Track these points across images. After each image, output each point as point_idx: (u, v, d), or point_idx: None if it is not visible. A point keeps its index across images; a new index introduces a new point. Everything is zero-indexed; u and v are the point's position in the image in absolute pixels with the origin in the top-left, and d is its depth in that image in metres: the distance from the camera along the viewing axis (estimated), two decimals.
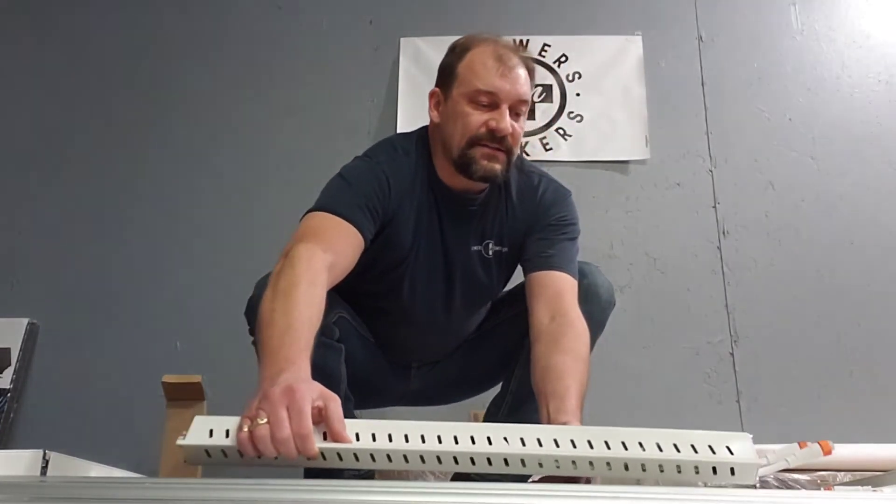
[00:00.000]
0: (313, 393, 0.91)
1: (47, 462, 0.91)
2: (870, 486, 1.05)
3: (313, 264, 1.19)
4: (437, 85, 1.54)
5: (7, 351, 2.57)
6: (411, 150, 1.52)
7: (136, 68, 2.96)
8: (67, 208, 2.79)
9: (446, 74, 1.51)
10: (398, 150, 1.52)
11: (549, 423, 1.17)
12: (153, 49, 2.98)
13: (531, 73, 1.50)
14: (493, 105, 1.43)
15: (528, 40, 2.97)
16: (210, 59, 2.97)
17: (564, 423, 1.13)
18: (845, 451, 1.99)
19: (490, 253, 1.56)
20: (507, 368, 1.58)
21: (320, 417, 0.89)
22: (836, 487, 0.93)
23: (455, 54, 1.50)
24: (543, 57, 2.96)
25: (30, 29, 3.00)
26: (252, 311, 1.34)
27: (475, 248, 1.55)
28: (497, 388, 1.66)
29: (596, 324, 1.47)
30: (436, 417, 2.00)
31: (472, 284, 1.57)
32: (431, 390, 1.72)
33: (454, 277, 1.55)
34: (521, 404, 1.54)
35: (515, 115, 1.45)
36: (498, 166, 1.44)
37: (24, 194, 2.81)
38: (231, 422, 0.90)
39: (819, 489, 0.91)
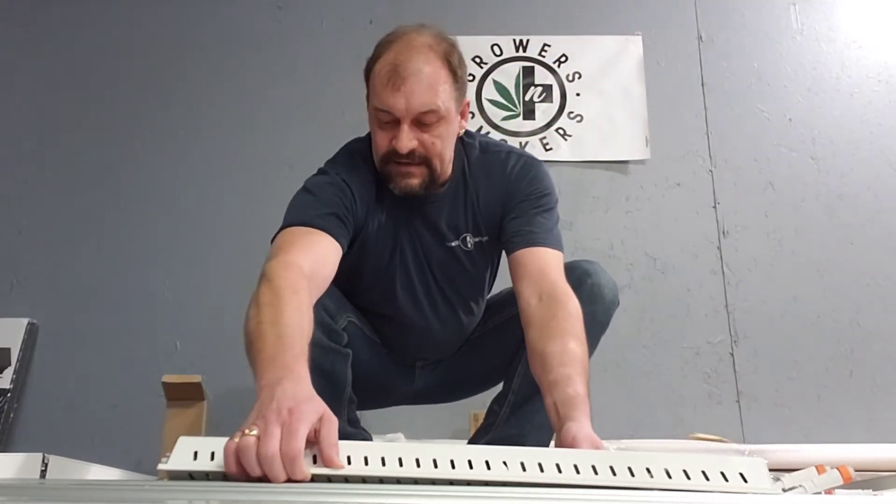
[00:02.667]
0: (313, 416, 0.86)
1: (46, 465, 0.90)
2: (870, 490, 1.05)
3: (290, 274, 1.17)
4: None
5: (7, 351, 2.57)
6: (369, 155, 1.48)
7: (136, 68, 2.96)
8: (67, 208, 2.78)
9: (366, 82, 1.44)
10: (356, 158, 1.48)
11: (557, 416, 1.13)
12: (153, 49, 2.98)
13: (452, 70, 1.39)
14: (395, 121, 1.36)
15: (528, 40, 2.97)
16: (210, 59, 2.97)
17: (573, 419, 1.10)
18: (845, 452, 2.00)
19: (470, 245, 1.53)
20: (510, 366, 1.58)
21: (314, 439, 0.85)
22: (836, 491, 0.92)
23: (369, 62, 1.43)
24: (543, 57, 2.96)
25: (29, 29, 2.99)
26: None
27: (453, 244, 1.53)
28: (499, 387, 1.65)
29: (599, 324, 1.46)
30: (435, 416, 2.00)
31: (458, 280, 1.56)
32: (435, 389, 1.72)
33: (438, 276, 1.54)
34: (524, 403, 1.53)
35: (423, 125, 1.37)
36: (414, 181, 1.40)
37: (24, 194, 2.80)
38: (217, 443, 0.85)
39: (819, 492, 0.90)
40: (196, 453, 0.85)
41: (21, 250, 2.73)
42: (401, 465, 0.84)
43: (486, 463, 0.86)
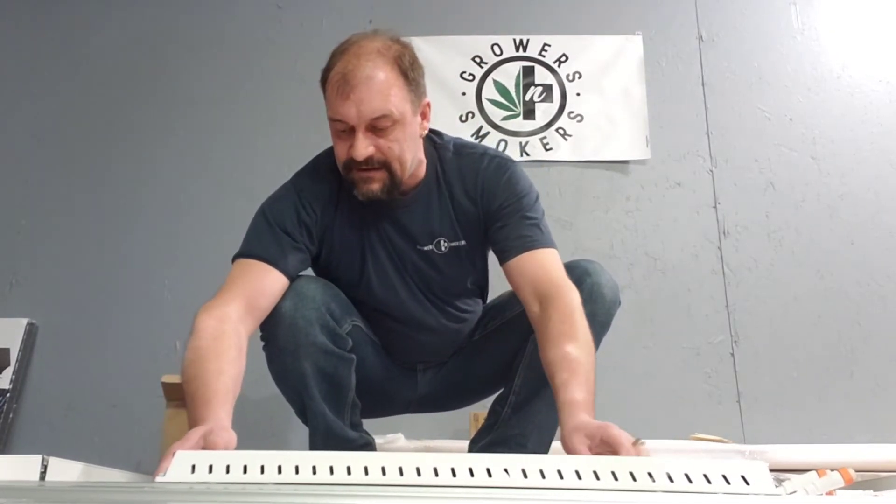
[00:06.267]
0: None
1: (46, 466, 0.90)
2: (871, 490, 1.05)
3: (211, 325, 1.30)
4: None
5: (6, 351, 2.57)
6: (335, 165, 1.48)
7: (135, 68, 2.95)
8: (67, 208, 2.78)
9: (323, 93, 1.45)
10: (321, 170, 1.51)
11: (562, 425, 1.14)
12: (153, 49, 2.98)
13: (400, 68, 1.39)
14: (350, 130, 1.37)
15: (528, 40, 2.97)
16: (209, 59, 2.97)
17: (564, 424, 1.12)
18: (846, 452, 2.00)
19: (444, 249, 1.53)
20: (510, 368, 1.57)
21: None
22: (837, 492, 0.92)
23: (324, 71, 1.44)
24: (543, 57, 2.96)
25: (30, 29, 2.99)
26: (266, 321, 1.39)
27: (425, 248, 1.52)
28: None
29: (600, 324, 1.45)
30: (435, 417, 2.00)
31: (436, 283, 1.55)
32: (439, 395, 1.71)
33: (413, 280, 1.54)
34: (525, 403, 1.53)
35: (378, 130, 1.37)
36: (375, 186, 1.40)
37: (24, 194, 2.80)
38: (215, 456, 0.88)
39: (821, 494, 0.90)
40: (194, 467, 0.86)
41: (21, 250, 2.73)
42: (401, 474, 0.85)
43: (488, 470, 0.86)
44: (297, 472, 0.85)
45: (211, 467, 0.85)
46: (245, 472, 0.85)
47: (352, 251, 1.50)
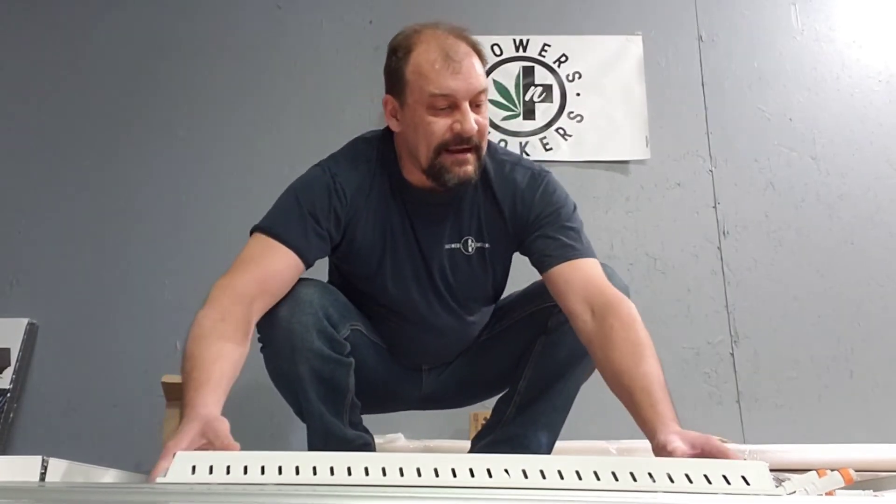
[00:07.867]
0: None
1: (46, 467, 0.90)
2: (871, 490, 1.05)
3: (222, 304, 1.29)
4: (387, 91, 1.48)
5: (7, 351, 2.57)
6: (372, 155, 1.49)
7: (135, 68, 2.95)
8: (67, 208, 2.78)
9: (395, 80, 1.45)
10: (358, 157, 1.50)
11: (652, 434, 1.14)
12: (153, 49, 2.97)
13: (481, 54, 1.43)
14: (453, 106, 1.38)
15: (528, 40, 2.97)
16: (209, 59, 2.96)
17: (659, 431, 1.12)
18: (846, 452, 2.00)
19: (471, 249, 1.53)
20: (517, 368, 1.57)
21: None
22: (837, 492, 0.92)
23: (398, 57, 1.44)
24: (543, 57, 2.96)
25: (30, 29, 2.99)
26: (263, 324, 1.38)
27: (452, 246, 1.51)
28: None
29: None
30: (435, 417, 2.00)
31: (457, 283, 1.54)
32: (444, 394, 1.70)
33: (435, 277, 1.53)
34: (530, 404, 1.54)
35: (476, 106, 1.39)
36: (470, 168, 1.40)
37: (25, 194, 2.80)
38: (216, 457, 0.88)
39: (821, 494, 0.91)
40: (194, 468, 0.86)
41: (21, 250, 2.73)
42: (401, 474, 0.85)
43: (488, 471, 0.86)
44: (297, 472, 0.86)
45: (211, 468, 0.86)
46: (245, 472, 0.86)
47: (373, 244, 1.49)
